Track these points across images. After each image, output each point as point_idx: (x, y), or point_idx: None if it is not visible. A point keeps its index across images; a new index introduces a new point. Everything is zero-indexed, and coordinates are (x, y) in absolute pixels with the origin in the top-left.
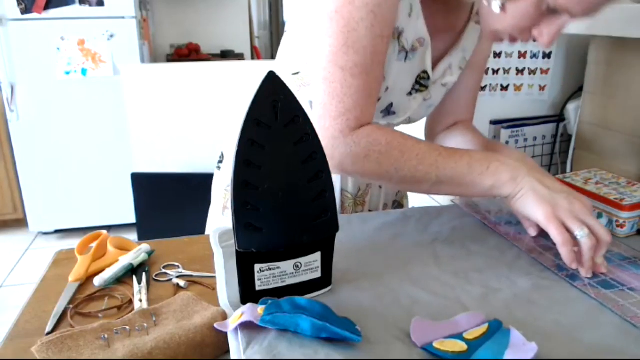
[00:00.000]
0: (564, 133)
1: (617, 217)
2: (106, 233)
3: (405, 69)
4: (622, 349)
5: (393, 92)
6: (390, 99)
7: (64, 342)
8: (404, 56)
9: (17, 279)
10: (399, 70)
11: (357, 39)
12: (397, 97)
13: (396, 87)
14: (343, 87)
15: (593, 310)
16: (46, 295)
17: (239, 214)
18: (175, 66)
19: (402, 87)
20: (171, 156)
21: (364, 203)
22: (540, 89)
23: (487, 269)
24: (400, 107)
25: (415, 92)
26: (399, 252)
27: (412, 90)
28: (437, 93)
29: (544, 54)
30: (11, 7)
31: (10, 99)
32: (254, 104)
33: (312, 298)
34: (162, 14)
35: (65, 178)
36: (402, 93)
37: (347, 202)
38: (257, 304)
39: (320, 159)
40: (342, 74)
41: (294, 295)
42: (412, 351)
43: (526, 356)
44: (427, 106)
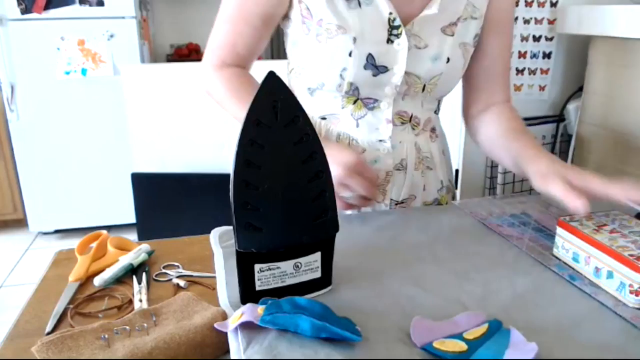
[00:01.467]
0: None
1: (632, 281)
2: (106, 233)
3: (366, 15)
4: (622, 349)
5: (364, 42)
6: (365, 49)
7: (64, 342)
8: (357, 3)
9: (17, 279)
10: (357, 18)
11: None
12: (375, 47)
13: (365, 36)
14: (215, 30)
15: (593, 310)
16: (46, 295)
17: (239, 214)
18: (175, 66)
19: (373, 35)
20: (171, 156)
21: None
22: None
23: (487, 269)
24: (386, 59)
25: (396, 37)
26: (399, 252)
27: (391, 36)
28: (435, 40)
29: (544, 54)
30: (11, 7)
31: (10, 99)
32: (254, 104)
33: (312, 298)
34: (162, 14)
35: (65, 178)
36: (379, 42)
37: None
38: (257, 304)
39: (320, 159)
40: (218, 21)
41: (294, 295)
42: (412, 351)
43: (526, 356)
44: (431, 58)
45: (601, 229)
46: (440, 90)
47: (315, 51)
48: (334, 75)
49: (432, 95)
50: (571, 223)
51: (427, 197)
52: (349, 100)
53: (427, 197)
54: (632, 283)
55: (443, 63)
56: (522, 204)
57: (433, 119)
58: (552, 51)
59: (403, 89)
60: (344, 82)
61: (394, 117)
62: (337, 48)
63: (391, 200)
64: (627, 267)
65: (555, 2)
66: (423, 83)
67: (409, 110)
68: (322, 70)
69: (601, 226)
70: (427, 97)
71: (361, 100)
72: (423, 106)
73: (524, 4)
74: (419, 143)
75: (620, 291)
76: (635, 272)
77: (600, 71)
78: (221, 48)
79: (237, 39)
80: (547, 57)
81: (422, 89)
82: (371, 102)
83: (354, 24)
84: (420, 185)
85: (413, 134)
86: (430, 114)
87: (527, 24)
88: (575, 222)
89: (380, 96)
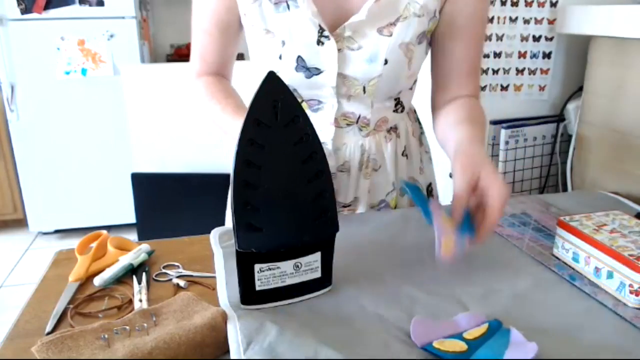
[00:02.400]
0: (564, 133)
1: (632, 281)
2: (106, 233)
3: (295, 18)
4: (622, 349)
5: (293, 44)
6: (294, 52)
7: (64, 342)
8: (285, 7)
9: (17, 279)
10: (285, 21)
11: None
12: (304, 49)
13: (294, 38)
14: (192, 44)
15: (593, 310)
16: (46, 295)
17: (239, 214)
18: (175, 66)
19: (303, 37)
20: (171, 156)
21: None
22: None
23: (487, 269)
24: (317, 61)
25: (327, 38)
26: (398, 252)
27: (321, 37)
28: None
29: (544, 54)
30: (11, 7)
31: (10, 99)
32: (254, 104)
33: (312, 298)
34: (162, 14)
35: (65, 178)
36: (308, 44)
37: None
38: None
39: (320, 159)
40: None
41: (294, 296)
42: (412, 351)
43: (526, 356)
44: (366, 60)
45: (601, 229)
46: (384, 92)
47: (254, 54)
48: None
49: (377, 96)
50: (571, 223)
51: (372, 200)
52: None
53: (373, 199)
54: (632, 283)
55: (380, 64)
56: (522, 204)
57: (392, 118)
58: (552, 51)
59: (342, 91)
60: None
61: (338, 119)
62: (268, 51)
63: (338, 203)
64: (627, 267)
65: (555, 2)
66: (362, 84)
67: (356, 111)
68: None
69: (601, 226)
70: (377, 97)
71: (306, 102)
72: (373, 106)
73: (524, 4)
74: (365, 145)
75: (620, 291)
76: (635, 272)
77: (600, 71)
78: (195, 59)
79: (203, 49)
80: (547, 57)
81: (362, 90)
82: (315, 104)
83: (281, 27)
84: (364, 188)
85: (360, 135)
86: (384, 114)
87: (527, 24)
88: (575, 222)
89: (322, 97)
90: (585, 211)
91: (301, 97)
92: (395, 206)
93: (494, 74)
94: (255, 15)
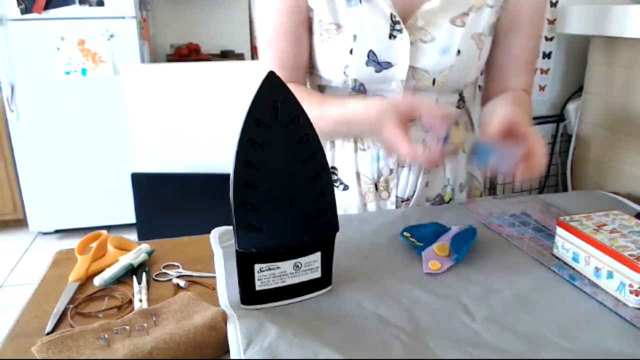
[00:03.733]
0: (564, 133)
1: (632, 281)
2: (106, 233)
3: (367, 12)
4: (622, 349)
5: (365, 39)
6: (365, 46)
7: (64, 342)
8: (357, 1)
9: (17, 279)
10: (359, 15)
11: (262, 16)
12: (376, 43)
13: (366, 32)
14: (261, 59)
15: (593, 310)
16: (46, 295)
17: (239, 214)
18: (175, 66)
19: (375, 31)
20: (171, 156)
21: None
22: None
23: (487, 269)
24: (388, 55)
25: (399, 32)
26: (398, 252)
27: (394, 31)
28: (443, 32)
29: (544, 54)
30: (11, 7)
31: (10, 99)
32: (254, 104)
33: (311, 298)
34: (162, 14)
35: (65, 178)
36: (380, 38)
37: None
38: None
39: (320, 159)
40: (259, 48)
41: (294, 296)
42: (412, 351)
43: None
44: (439, 51)
45: (601, 229)
46: (453, 83)
47: (319, 50)
48: (338, 73)
49: (445, 89)
50: (571, 223)
51: (429, 194)
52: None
53: (430, 193)
54: (632, 283)
55: (453, 55)
56: (522, 204)
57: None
58: (552, 51)
59: (411, 84)
60: (348, 79)
61: None
62: (338, 46)
63: (397, 198)
64: (627, 267)
65: (555, 2)
66: (432, 77)
67: None
68: (327, 68)
69: (601, 226)
70: (442, 92)
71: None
72: (438, 102)
73: None
74: (428, 141)
75: (620, 291)
76: (635, 272)
77: (600, 71)
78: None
79: (282, 56)
80: (547, 57)
81: (432, 82)
82: None
83: (353, 22)
84: (422, 182)
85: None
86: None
87: None
88: (575, 222)
89: (388, 92)
90: (585, 211)
91: (365, 91)
92: (449, 200)
93: None
94: (325, 10)
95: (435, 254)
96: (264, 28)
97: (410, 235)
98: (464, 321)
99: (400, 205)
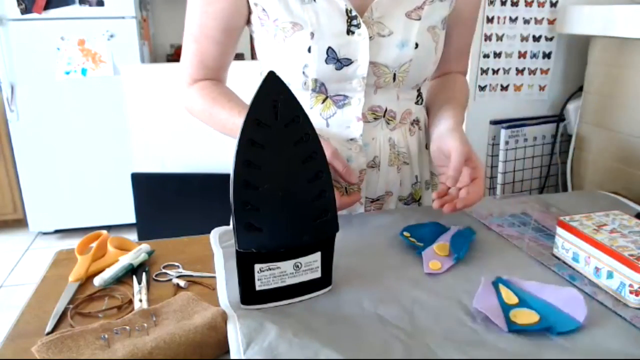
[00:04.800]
0: (564, 133)
1: (632, 281)
2: (106, 233)
3: (322, 9)
4: (622, 349)
5: (322, 36)
6: (324, 43)
7: (64, 342)
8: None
9: (17, 279)
10: (313, 12)
11: (190, 13)
12: (334, 40)
13: (323, 29)
14: (184, 50)
15: (593, 310)
16: (46, 295)
17: (239, 214)
18: (175, 66)
19: (332, 27)
20: (171, 156)
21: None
22: (540, 89)
23: (488, 269)
24: (348, 51)
25: (356, 27)
26: (398, 252)
27: (351, 27)
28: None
29: (544, 54)
30: (11, 7)
31: (10, 99)
32: (254, 104)
33: (311, 298)
34: (162, 14)
35: (65, 178)
36: (338, 34)
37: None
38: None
39: (320, 159)
40: (184, 40)
41: (294, 296)
42: (412, 351)
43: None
44: (398, 45)
45: (601, 229)
46: (413, 78)
47: (276, 51)
48: (297, 73)
49: (405, 85)
50: (571, 223)
51: (402, 193)
52: (317, 100)
53: (403, 192)
54: (632, 283)
55: (411, 49)
56: (522, 204)
57: (414, 111)
58: (552, 51)
59: (372, 81)
60: (308, 79)
61: (366, 114)
62: (295, 45)
63: (366, 199)
64: (627, 267)
65: (555, 2)
66: (392, 72)
67: (383, 104)
68: (285, 70)
69: (601, 226)
70: (402, 88)
71: (330, 98)
72: (399, 98)
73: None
74: (393, 138)
75: (620, 291)
76: (635, 272)
77: (600, 71)
78: (192, 66)
79: (204, 55)
80: (547, 57)
81: (392, 78)
82: (341, 99)
83: (309, 19)
84: (396, 182)
85: (388, 129)
86: (409, 106)
87: (527, 24)
88: (575, 222)
89: (349, 91)
90: (585, 211)
91: (327, 92)
92: (419, 198)
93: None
94: (279, 9)
95: (435, 254)
96: (190, 23)
97: (410, 235)
98: (464, 321)
99: (369, 206)
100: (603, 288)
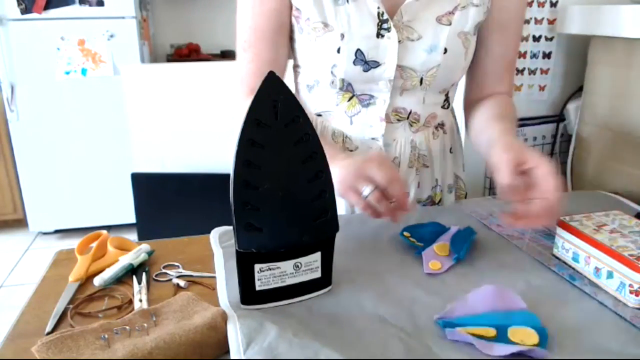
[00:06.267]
0: (564, 133)
1: (632, 281)
2: (106, 233)
3: (355, 10)
4: (622, 349)
5: (352, 38)
6: (353, 45)
7: (64, 342)
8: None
9: (17, 279)
10: (346, 14)
11: (242, 19)
12: (364, 42)
13: (353, 31)
14: (239, 62)
15: (593, 310)
16: (46, 295)
17: (239, 214)
18: (175, 66)
19: (362, 30)
20: (171, 156)
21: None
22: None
23: (488, 270)
24: (376, 53)
25: (386, 31)
26: (398, 252)
27: (381, 30)
28: (429, 30)
29: (544, 53)
30: (11, 7)
31: (10, 99)
32: (254, 104)
33: (311, 298)
34: (162, 14)
35: (65, 178)
36: (368, 37)
37: None
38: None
39: (320, 159)
40: (238, 52)
41: (294, 296)
42: (412, 351)
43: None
44: (426, 49)
45: (601, 229)
46: (440, 83)
47: (307, 49)
48: (326, 72)
49: (432, 89)
50: (571, 223)
51: (420, 195)
52: (344, 97)
53: (421, 194)
54: (632, 283)
55: (440, 54)
56: None
57: (440, 114)
58: (552, 51)
59: (399, 83)
60: (336, 79)
61: (390, 114)
62: (325, 45)
63: None
64: (627, 267)
65: (555, 2)
66: (420, 76)
67: (407, 106)
68: (315, 68)
69: (601, 226)
70: (428, 91)
71: (357, 97)
72: (424, 102)
73: None
74: (416, 140)
75: (620, 291)
76: (635, 272)
77: (600, 71)
78: (248, 75)
79: (261, 61)
80: (547, 57)
81: (419, 82)
82: (367, 99)
83: (341, 20)
84: (414, 183)
85: (410, 131)
86: (434, 110)
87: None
88: (575, 222)
89: (375, 92)
90: (585, 211)
91: (353, 91)
92: (439, 201)
93: None
94: (312, 8)
95: (435, 254)
96: (242, 29)
97: (410, 235)
98: None
99: None
100: (603, 288)
